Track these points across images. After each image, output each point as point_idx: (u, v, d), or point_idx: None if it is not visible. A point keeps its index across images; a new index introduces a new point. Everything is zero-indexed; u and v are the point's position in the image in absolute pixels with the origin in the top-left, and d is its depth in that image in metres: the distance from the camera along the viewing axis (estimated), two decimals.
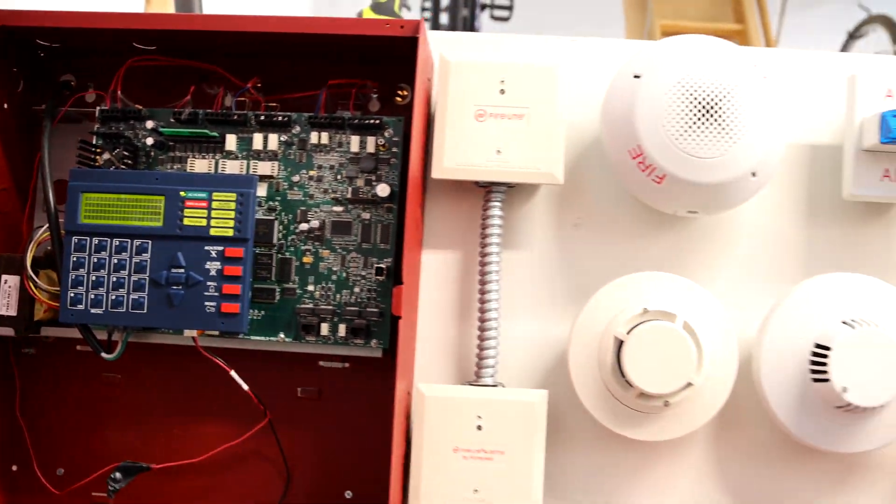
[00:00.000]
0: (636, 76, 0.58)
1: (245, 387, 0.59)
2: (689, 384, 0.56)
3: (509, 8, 2.88)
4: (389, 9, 1.01)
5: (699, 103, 0.56)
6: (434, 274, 0.64)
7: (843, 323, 0.57)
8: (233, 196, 0.57)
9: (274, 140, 0.62)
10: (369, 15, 1.02)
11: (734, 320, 0.60)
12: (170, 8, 1.05)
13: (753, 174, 0.58)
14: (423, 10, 2.74)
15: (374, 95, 0.65)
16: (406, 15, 1.03)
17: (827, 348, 0.56)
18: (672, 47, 0.59)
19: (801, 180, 0.64)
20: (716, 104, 0.56)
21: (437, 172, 0.60)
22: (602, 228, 0.64)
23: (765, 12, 2.58)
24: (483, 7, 2.83)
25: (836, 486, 0.63)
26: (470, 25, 2.62)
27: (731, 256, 0.64)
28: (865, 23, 3.51)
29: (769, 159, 0.58)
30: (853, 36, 3.66)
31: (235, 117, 0.62)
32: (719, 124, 0.56)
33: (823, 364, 0.56)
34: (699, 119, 0.56)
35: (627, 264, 0.62)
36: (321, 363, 0.63)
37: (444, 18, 2.60)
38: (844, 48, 3.71)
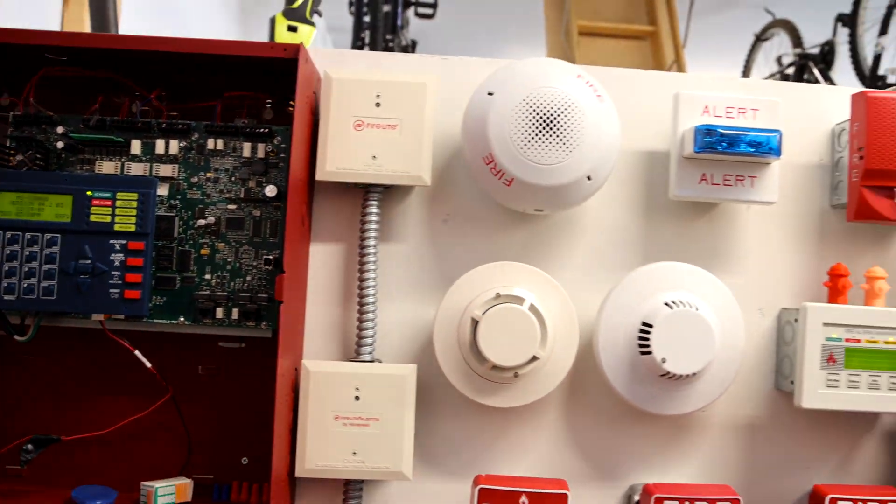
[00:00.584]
0: (490, 94, 0.72)
1: (148, 364, 0.71)
2: (535, 357, 0.70)
3: (433, 6, 3.03)
4: (301, 14, 1.12)
5: (541, 118, 0.70)
6: (321, 264, 0.77)
7: (665, 304, 0.72)
8: (135, 196, 0.69)
9: (175, 145, 0.74)
10: (281, 21, 1.13)
11: (578, 303, 0.74)
12: (86, 11, 1.15)
13: (589, 178, 0.72)
14: (350, 4, 2.86)
15: (268, 105, 0.78)
16: (317, 20, 1.14)
17: (650, 326, 0.71)
18: (520, 69, 0.73)
19: (636, 182, 0.79)
20: (555, 119, 0.70)
21: (320, 175, 0.73)
22: (466, 224, 0.78)
23: (674, 16, 2.80)
24: (408, 4, 2.97)
25: (667, 442, 0.78)
26: (392, 23, 2.75)
27: (576, 248, 0.78)
28: (770, 26, 3.79)
29: (603, 165, 0.73)
30: (759, 38, 3.95)
31: (140, 124, 0.74)
32: (558, 136, 0.70)
33: (647, 339, 0.71)
34: (541, 131, 0.70)
35: (488, 255, 0.76)
36: (221, 344, 0.76)
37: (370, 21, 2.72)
38: (752, 50, 4.00)
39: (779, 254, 0.79)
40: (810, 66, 3.35)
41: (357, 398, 0.71)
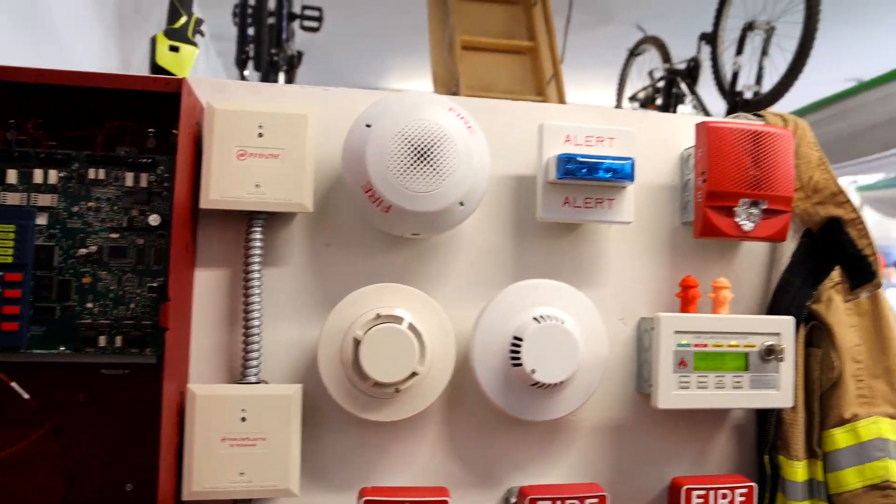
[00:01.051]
0: (368, 125, 0.80)
1: (26, 396, 0.75)
2: (415, 373, 0.79)
3: (319, 19, 3.13)
4: (183, 35, 1.15)
5: (416, 149, 0.78)
6: (206, 289, 0.83)
7: (534, 319, 0.82)
8: (12, 227, 0.73)
9: (54, 175, 0.78)
10: (162, 41, 1.16)
11: (454, 320, 0.83)
12: None
13: (462, 203, 0.82)
14: (234, 15, 2.89)
15: (151, 133, 0.83)
16: (199, 40, 1.18)
17: (520, 339, 0.81)
18: (396, 102, 0.81)
19: (506, 205, 0.89)
20: (429, 149, 0.79)
21: (204, 203, 0.79)
22: (348, 248, 0.85)
23: (552, 32, 3.04)
24: (293, 17, 3.05)
25: (540, 447, 0.88)
26: (277, 36, 2.82)
27: (451, 268, 0.87)
28: (641, 42, 4.17)
29: (474, 191, 0.82)
30: (633, 53, 4.33)
31: (16, 154, 0.78)
32: (432, 165, 0.79)
33: (518, 352, 0.81)
34: (416, 161, 0.79)
35: (369, 277, 0.84)
36: (103, 371, 0.80)
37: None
38: (626, 64, 4.37)
39: (636, 268, 0.91)
40: (678, 80, 3.68)
41: (244, 419, 0.77)
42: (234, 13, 2.96)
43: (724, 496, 0.86)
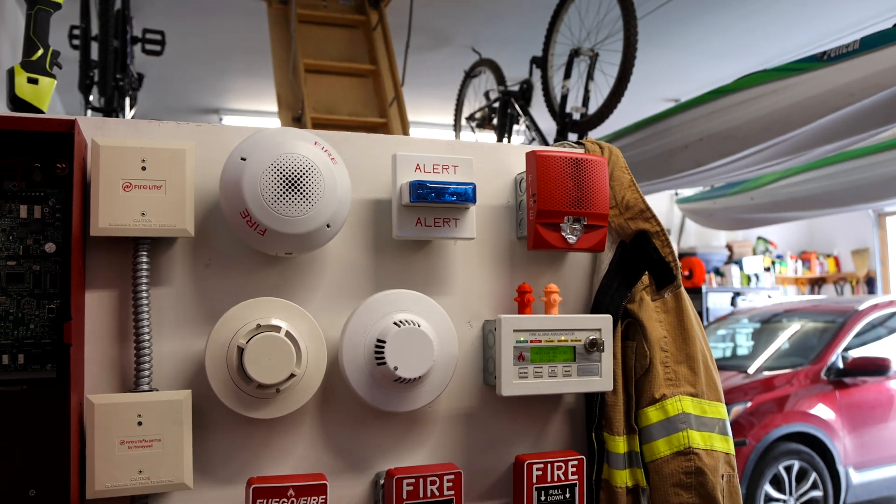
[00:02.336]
0: (243, 159, 1.05)
1: None
2: (293, 375, 1.04)
3: (161, 42, 3.34)
4: (41, 67, 1.34)
5: (287, 179, 1.04)
6: (97, 309, 1.04)
7: (394, 323, 1.10)
8: None
9: None
10: (20, 73, 1.34)
11: (325, 327, 1.10)
12: None
13: (328, 226, 1.08)
14: (71, 37, 3.03)
15: (37, 167, 1.05)
16: (57, 72, 1.37)
17: (384, 341, 1.09)
18: (268, 138, 1.07)
19: (367, 226, 1.16)
20: (298, 179, 1.04)
21: (94, 231, 1.00)
22: (227, 267, 1.09)
23: (392, 56, 3.42)
24: (135, 40, 3.24)
25: (403, 434, 1.16)
26: (122, 61, 3.00)
27: (320, 282, 1.14)
28: (477, 65, 4.72)
29: (339, 214, 1.09)
30: (469, 75, 4.88)
31: None
32: (301, 193, 1.05)
33: (382, 352, 1.09)
34: (287, 190, 1.04)
35: (247, 293, 1.09)
36: (3, 388, 1.02)
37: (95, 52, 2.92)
38: (463, 85, 4.90)
39: (480, 278, 1.21)
40: (512, 101, 4.18)
41: (140, 423, 1.00)
42: (72, 35, 3.08)
43: (560, 468, 1.16)
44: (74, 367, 0.91)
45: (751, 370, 4.75)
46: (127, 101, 3.07)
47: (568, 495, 1.13)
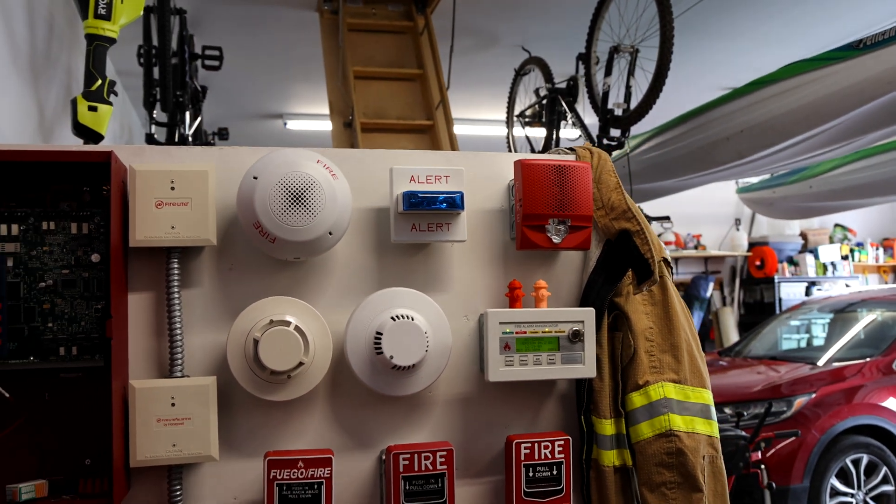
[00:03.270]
0: (255, 177, 1.23)
1: (7, 395, 1.17)
2: (301, 363, 1.21)
3: (220, 58, 3.57)
4: (99, 96, 1.55)
5: (292, 194, 1.21)
6: (138, 309, 1.23)
7: (391, 318, 1.26)
8: None
9: (15, 228, 1.20)
10: (82, 103, 1.55)
11: (331, 322, 1.26)
12: None
13: (330, 233, 1.24)
14: (139, 56, 3.28)
15: (86, 190, 1.25)
16: (114, 99, 1.58)
17: (381, 333, 1.24)
18: (276, 159, 1.24)
19: (369, 232, 1.32)
20: (302, 194, 1.21)
21: (132, 243, 1.19)
22: (245, 271, 1.28)
23: (437, 59, 3.53)
24: (195, 57, 3.47)
25: (406, 416, 1.31)
26: (181, 77, 3.23)
27: (327, 283, 1.30)
28: (526, 63, 4.75)
29: (339, 223, 1.25)
30: (519, 73, 4.92)
31: None
32: (305, 206, 1.21)
33: (379, 343, 1.24)
34: (293, 203, 1.20)
35: (262, 292, 1.26)
36: (62, 375, 1.22)
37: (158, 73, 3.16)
38: (514, 83, 4.94)
39: (475, 276, 1.35)
40: (559, 98, 4.22)
41: (173, 404, 1.19)
42: (139, 54, 3.34)
43: (546, 447, 1.29)
44: (116, 356, 1.09)
45: (820, 362, 4.67)
46: (188, 114, 3.31)
47: (555, 472, 1.25)
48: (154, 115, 3.14)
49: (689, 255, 8.79)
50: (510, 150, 5.27)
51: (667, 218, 4.72)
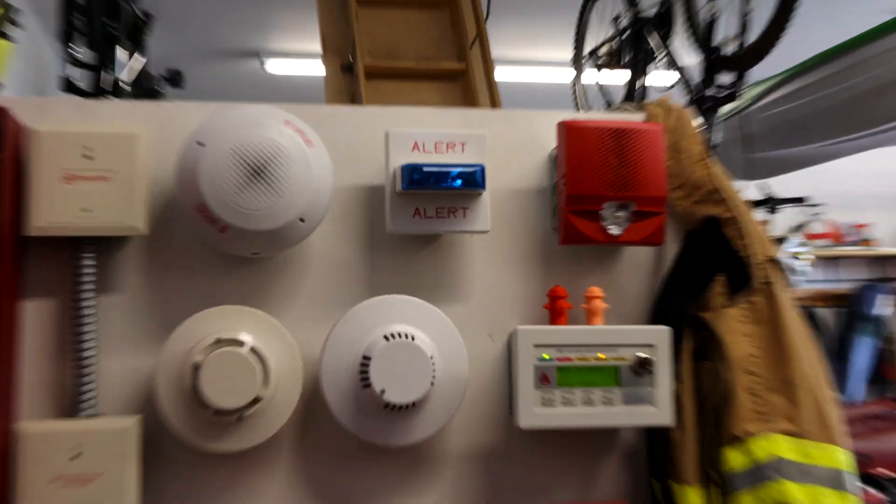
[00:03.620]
0: (200, 143, 1.22)
1: None
2: (258, 399, 1.20)
3: None
4: None
5: (250, 166, 1.19)
6: (33, 321, 1.21)
7: (384, 336, 1.24)
8: None
9: None
10: None
11: (302, 341, 1.23)
12: None
13: (302, 220, 1.22)
14: None
15: None
16: (19, 33, 1.57)
17: (369, 358, 1.22)
18: (229, 119, 1.22)
19: (357, 218, 1.30)
20: (264, 166, 1.18)
21: (29, 231, 1.18)
22: (188, 270, 1.26)
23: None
24: None
25: (403, 476, 1.29)
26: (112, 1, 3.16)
27: (299, 287, 1.29)
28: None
29: (315, 206, 1.23)
30: None
31: None
32: (267, 182, 1.19)
33: (367, 372, 1.21)
34: (251, 179, 1.19)
35: (209, 300, 1.24)
36: None
37: None
38: (584, 10, 4.83)
39: (504, 279, 1.33)
40: (647, 31, 4.08)
41: (78, 456, 1.16)
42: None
43: None
44: (2, 388, 1.08)
45: None
46: (122, 51, 3.26)
47: None
48: (74, 53, 3.06)
49: (850, 253, 8.13)
50: (577, 105, 5.15)
51: (800, 200, 4.57)
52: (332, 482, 1.26)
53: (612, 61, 4.64)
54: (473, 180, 1.24)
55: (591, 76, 5.04)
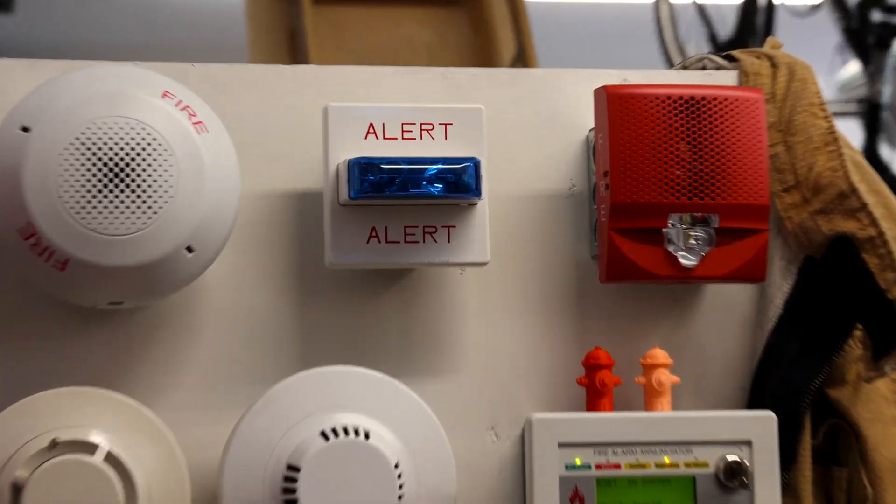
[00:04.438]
0: (25, 129, 1.02)
1: None
2: None
3: None
4: None
5: (105, 166, 1.00)
6: None
7: (321, 434, 1.04)
8: None
9: None
10: None
11: (191, 442, 1.05)
12: None
13: (190, 249, 1.04)
14: None
15: None
16: None
17: (297, 469, 1.03)
18: (72, 90, 1.03)
19: (280, 245, 1.11)
20: (127, 166, 1.00)
21: None
22: (9, 333, 1.09)
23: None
24: None
25: None
26: None
27: (187, 355, 1.10)
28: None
29: (211, 227, 1.04)
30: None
31: None
32: (133, 191, 1.00)
33: (294, 489, 1.02)
34: (106, 186, 1.00)
35: (43, 379, 1.06)
36: None
37: None
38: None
39: (514, 338, 1.14)
40: None
41: None
42: None
43: None
44: None
45: None
46: None
47: None
48: None
49: None
50: (662, 40, 5.01)
51: None
52: None
53: None
54: (463, 183, 1.07)
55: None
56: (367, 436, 1.03)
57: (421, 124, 1.10)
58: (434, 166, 1.07)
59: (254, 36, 3.11)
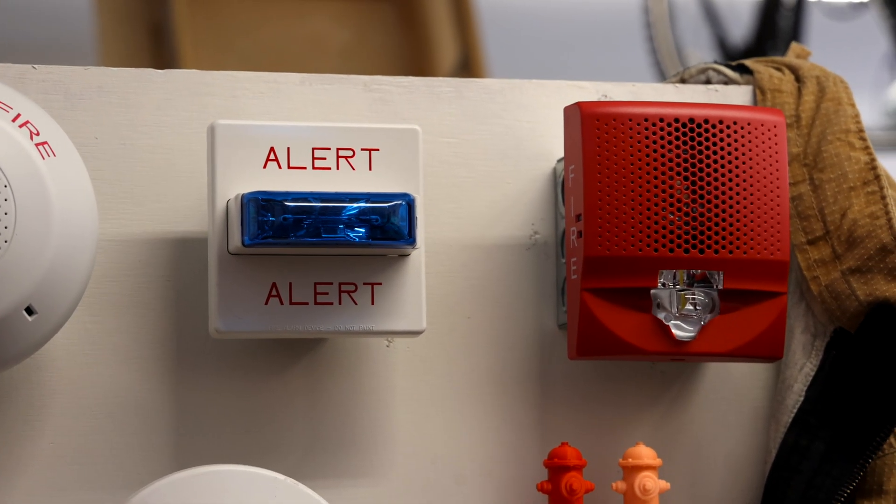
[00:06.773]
0: None
1: None
2: None
3: None
4: None
5: None
6: None
7: None
8: None
9: None
10: None
11: None
12: None
13: (30, 311, 0.98)
14: None
15: None
16: None
17: None
18: None
19: (152, 304, 1.05)
20: None
21: None
22: None
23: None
24: None
25: None
26: None
27: (34, 446, 1.03)
28: None
29: (60, 281, 0.98)
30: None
31: None
32: None
33: None
34: None
35: None
36: None
37: None
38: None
39: (457, 430, 1.09)
40: None
41: None
42: None
43: None
44: None
45: None
46: None
47: None
48: None
49: None
50: (654, 47, 5.04)
51: None
52: None
53: None
54: (392, 227, 1.03)
55: None
56: None
57: (338, 149, 1.06)
58: (355, 205, 1.03)
59: (104, 34, 3.07)
